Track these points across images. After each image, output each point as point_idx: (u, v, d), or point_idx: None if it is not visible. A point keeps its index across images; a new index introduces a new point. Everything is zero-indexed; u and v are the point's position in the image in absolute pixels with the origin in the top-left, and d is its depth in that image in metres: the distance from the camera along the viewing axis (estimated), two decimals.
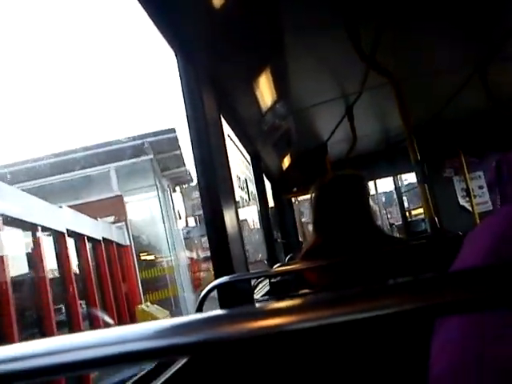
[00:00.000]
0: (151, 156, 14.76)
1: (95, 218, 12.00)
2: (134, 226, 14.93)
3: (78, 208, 11.71)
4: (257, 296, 2.37)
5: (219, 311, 0.30)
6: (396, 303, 0.27)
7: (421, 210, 8.47)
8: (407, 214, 6.68)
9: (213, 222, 1.75)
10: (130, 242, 14.11)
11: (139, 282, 13.89)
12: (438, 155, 4.89)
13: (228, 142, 2.27)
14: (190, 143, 1.83)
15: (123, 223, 14.00)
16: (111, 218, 13.92)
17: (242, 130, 3.04)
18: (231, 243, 1.76)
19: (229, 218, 1.81)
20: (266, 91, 2.76)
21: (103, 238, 11.67)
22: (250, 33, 2.06)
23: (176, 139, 14.93)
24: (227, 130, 2.65)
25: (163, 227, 15.00)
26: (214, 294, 1.61)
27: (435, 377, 0.50)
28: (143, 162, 14.96)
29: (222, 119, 2.19)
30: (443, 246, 1.62)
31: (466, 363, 0.46)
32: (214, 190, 1.77)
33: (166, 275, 15.15)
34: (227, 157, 2.07)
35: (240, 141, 3.23)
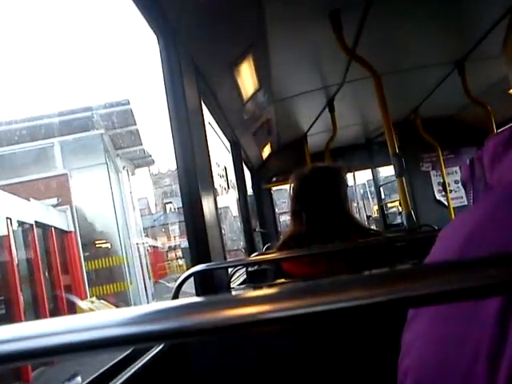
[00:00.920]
0: (102, 131, 13.01)
1: (32, 200, 10.41)
2: (82, 210, 13.18)
3: (13, 188, 10.30)
4: (233, 285, 2.37)
5: (195, 298, 0.30)
6: (368, 294, 0.27)
7: (396, 203, 8.58)
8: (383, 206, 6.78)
9: (191, 209, 1.75)
10: (75, 227, 12.41)
11: (84, 273, 12.36)
12: (415, 149, 4.95)
13: (208, 128, 2.26)
14: (170, 129, 1.81)
15: (67, 206, 12.35)
16: (54, 200, 12.21)
17: (223, 118, 3.03)
18: (209, 231, 1.76)
19: (207, 205, 1.80)
20: (247, 79, 2.74)
21: (36, 223, 10.12)
22: (233, 21, 2.05)
23: (131, 113, 13.12)
24: (208, 116, 2.64)
25: (115, 213, 13.30)
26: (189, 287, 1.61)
27: (404, 370, 0.51)
28: (93, 138, 13.04)
29: (203, 106, 2.17)
30: (419, 239, 1.65)
31: (435, 356, 0.47)
32: (193, 176, 1.76)
33: (123, 266, 13.43)
34: (207, 144, 2.06)
35: (220, 128, 3.21)
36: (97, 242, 13.66)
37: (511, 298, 0.39)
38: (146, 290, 14.48)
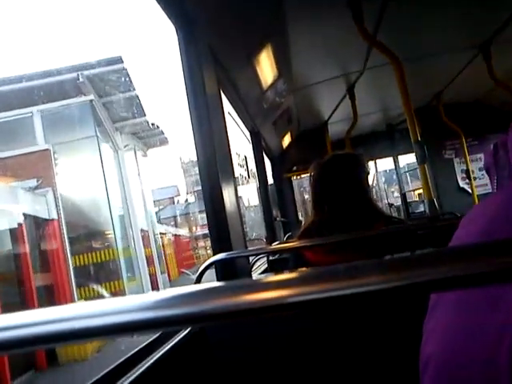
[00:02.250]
0: (91, 96, 10.17)
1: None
2: (71, 194, 10.43)
3: None
4: (255, 274, 2.39)
5: (217, 283, 0.31)
6: (386, 279, 0.27)
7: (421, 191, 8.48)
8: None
9: (212, 198, 1.76)
10: (59, 215, 9.77)
11: (71, 270, 9.73)
12: (438, 136, 4.88)
13: (228, 118, 2.26)
14: (189, 120, 1.82)
15: (49, 189, 9.76)
16: (33, 182, 9.66)
17: (242, 107, 3.03)
18: (229, 220, 1.77)
19: (228, 195, 1.81)
20: (266, 68, 2.73)
21: None
22: (251, 9, 2.04)
23: (126, 75, 10.18)
24: (227, 106, 2.64)
25: (107, 197, 10.72)
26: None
27: (425, 358, 0.51)
28: (81, 106, 10.25)
29: (223, 96, 2.17)
30: (441, 227, 1.63)
31: (457, 344, 0.47)
32: (214, 166, 1.77)
33: (119, 260, 10.84)
34: (227, 133, 2.07)
35: (240, 118, 3.21)
36: (90, 233, 11.04)
37: None
38: (155, 289, 11.02)
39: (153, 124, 12.46)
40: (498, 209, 0.48)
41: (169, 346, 1.17)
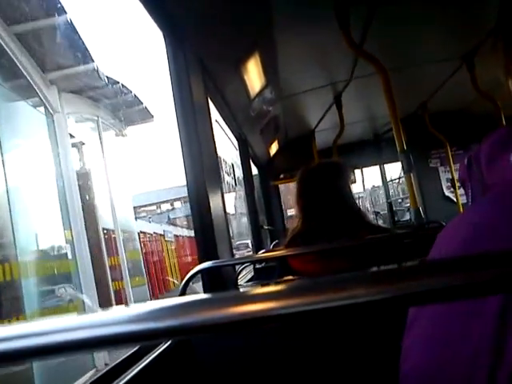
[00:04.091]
0: None
1: None
2: None
3: None
4: (241, 281, 2.38)
5: (200, 295, 0.30)
6: (369, 292, 0.27)
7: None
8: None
9: (198, 206, 1.75)
10: None
11: None
12: (424, 145, 4.93)
13: (215, 126, 2.26)
14: (176, 127, 1.81)
15: None
16: None
17: (230, 115, 3.03)
18: (216, 228, 1.77)
19: (214, 202, 1.81)
20: (254, 76, 2.74)
21: None
22: (239, 17, 2.04)
23: None
24: (215, 114, 2.64)
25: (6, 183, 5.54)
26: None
27: (404, 374, 0.51)
28: None
29: (210, 103, 2.17)
30: (427, 236, 1.64)
31: (434, 357, 0.47)
32: (200, 174, 1.76)
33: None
34: (214, 141, 2.06)
35: (227, 125, 3.21)
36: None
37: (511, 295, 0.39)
38: None
39: (110, 79, 8.17)
40: (473, 223, 0.48)
41: (152, 357, 1.15)
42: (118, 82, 8.64)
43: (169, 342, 1.24)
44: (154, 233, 14.18)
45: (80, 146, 9.29)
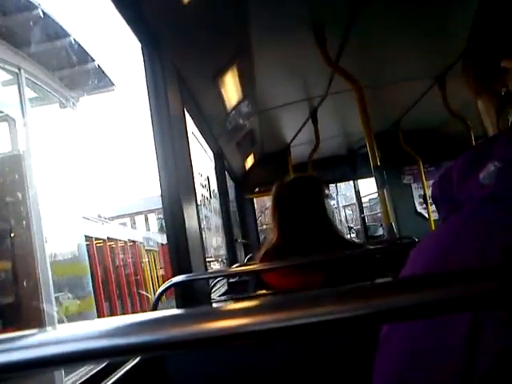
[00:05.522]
0: None
1: None
2: None
3: None
4: (215, 296, 2.36)
5: (174, 310, 0.29)
6: (341, 309, 0.27)
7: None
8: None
9: (172, 219, 1.73)
10: None
11: None
12: (397, 162, 5.01)
13: (191, 138, 2.25)
14: (152, 138, 1.80)
15: None
16: None
17: (206, 127, 3.03)
18: (190, 241, 1.75)
19: (189, 215, 1.79)
20: (231, 89, 2.75)
21: None
22: (217, 30, 2.05)
23: None
24: (191, 126, 2.63)
25: None
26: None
27: None
28: None
29: (187, 114, 2.17)
30: (399, 251, 1.66)
31: (406, 373, 0.47)
32: (175, 186, 1.75)
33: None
34: (190, 154, 2.05)
35: (204, 138, 3.21)
36: None
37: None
38: None
39: (47, 16, 5.69)
40: (443, 241, 0.49)
41: (121, 373, 1.12)
42: (58, 23, 5.92)
43: (138, 358, 1.21)
44: (130, 240, 11.96)
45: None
